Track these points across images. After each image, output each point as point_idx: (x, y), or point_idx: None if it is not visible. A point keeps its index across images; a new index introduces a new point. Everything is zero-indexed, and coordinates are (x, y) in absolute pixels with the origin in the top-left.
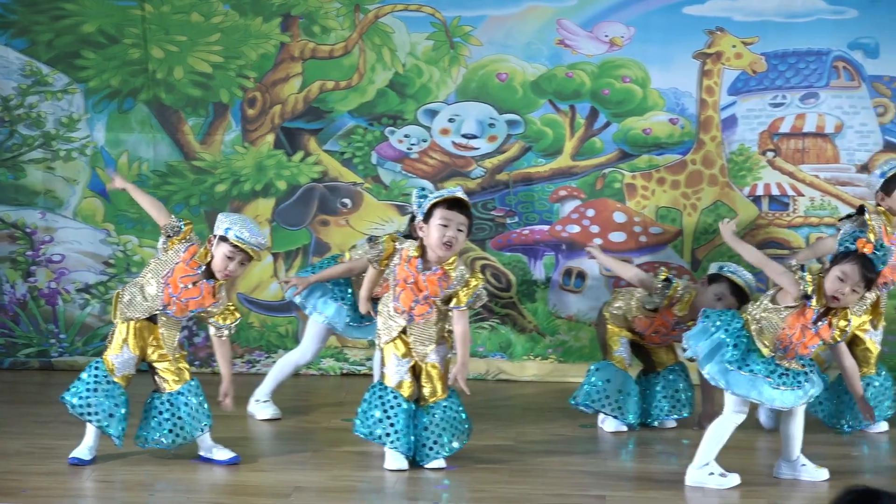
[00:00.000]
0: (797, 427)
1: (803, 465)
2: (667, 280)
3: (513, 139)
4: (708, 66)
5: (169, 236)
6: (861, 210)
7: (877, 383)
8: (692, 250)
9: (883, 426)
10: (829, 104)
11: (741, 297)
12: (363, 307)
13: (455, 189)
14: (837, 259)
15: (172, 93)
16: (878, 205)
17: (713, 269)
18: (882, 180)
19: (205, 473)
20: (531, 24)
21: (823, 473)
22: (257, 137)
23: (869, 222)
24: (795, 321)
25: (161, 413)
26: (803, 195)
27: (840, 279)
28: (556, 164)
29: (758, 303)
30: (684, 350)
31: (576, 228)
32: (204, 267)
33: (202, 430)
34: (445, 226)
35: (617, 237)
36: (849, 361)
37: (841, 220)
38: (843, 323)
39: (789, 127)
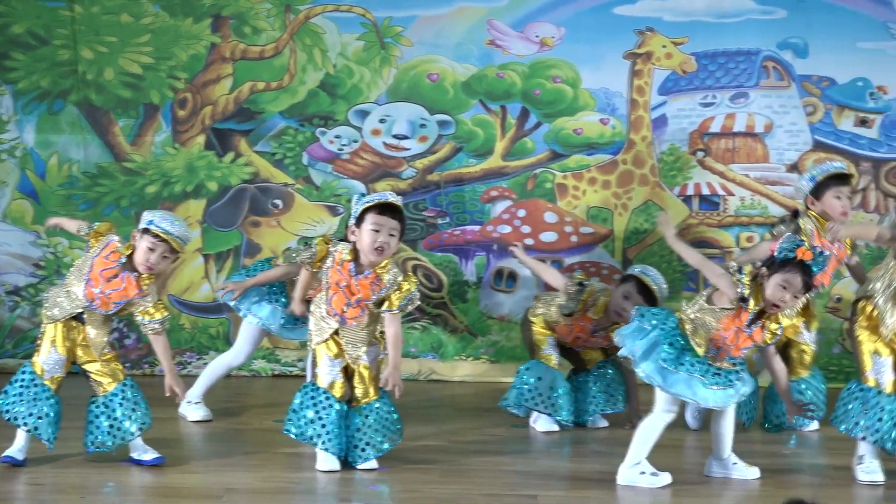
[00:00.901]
0: (728, 425)
1: (734, 463)
2: (580, 284)
3: (444, 140)
4: (638, 66)
5: (86, 234)
6: (795, 214)
7: (812, 385)
8: (623, 250)
9: (814, 425)
10: (759, 104)
11: (649, 297)
12: (297, 309)
13: (387, 193)
14: (778, 267)
15: (103, 94)
16: (808, 208)
17: (630, 269)
18: (812, 184)
19: (136, 476)
20: (462, 25)
21: (754, 472)
22: (188, 138)
23: (803, 226)
24: (731, 323)
25: (98, 416)
26: (733, 195)
27: (783, 287)
28: (487, 164)
29: (693, 302)
30: (618, 349)
31: (507, 229)
32: (125, 259)
33: (141, 429)
34: (377, 231)
35: (548, 237)
36: (778, 364)
37: (774, 224)
38: (774, 326)
39: (719, 126)
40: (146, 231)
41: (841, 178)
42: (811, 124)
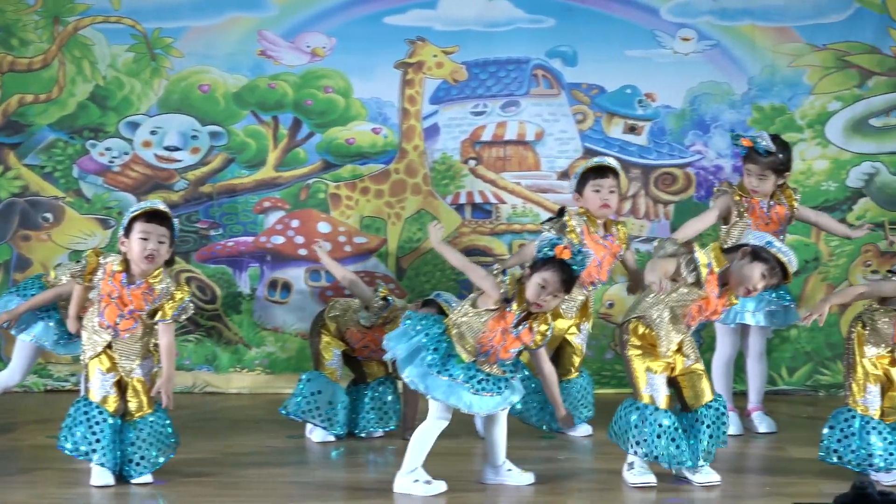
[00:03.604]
0: (500, 432)
1: (508, 470)
2: (385, 300)
3: (216, 151)
4: (409, 75)
5: None
6: (561, 212)
7: (577, 387)
8: (397, 259)
9: (586, 430)
10: (530, 112)
11: None
12: (72, 327)
13: (154, 201)
14: (537, 266)
15: None
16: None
17: (432, 294)
18: (575, 180)
19: None
20: (232, 35)
21: (528, 478)
22: None
23: (569, 223)
24: (496, 325)
25: None
26: (506, 203)
27: (541, 286)
28: (259, 175)
29: (459, 307)
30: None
31: (280, 239)
32: None
33: None
34: (146, 239)
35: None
36: (547, 367)
37: (543, 223)
38: (543, 328)
39: (491, 135)
40: None
41: (600, 172)
42: (581, 132)
